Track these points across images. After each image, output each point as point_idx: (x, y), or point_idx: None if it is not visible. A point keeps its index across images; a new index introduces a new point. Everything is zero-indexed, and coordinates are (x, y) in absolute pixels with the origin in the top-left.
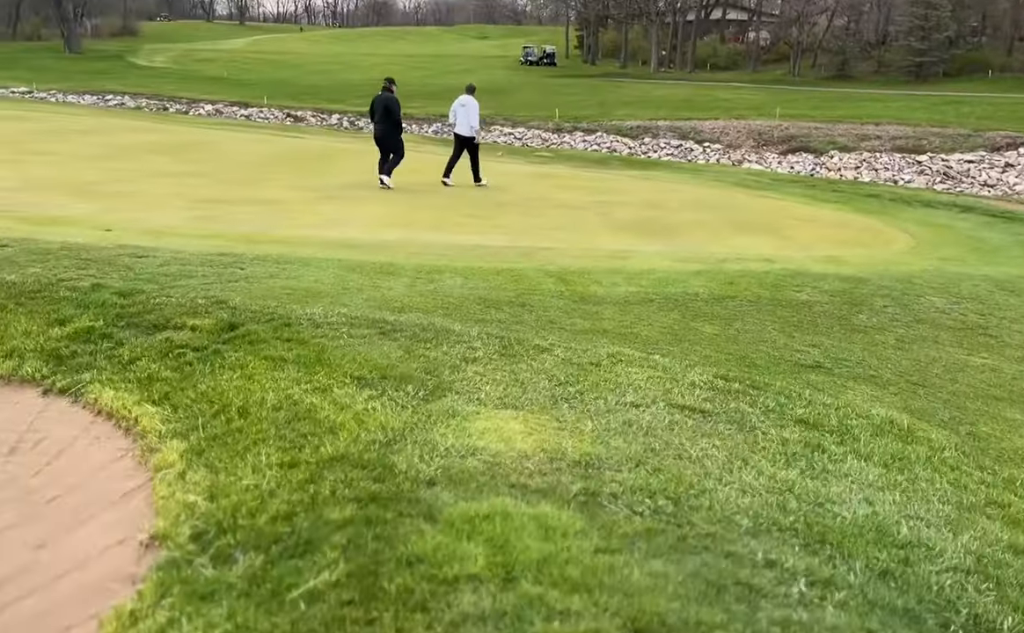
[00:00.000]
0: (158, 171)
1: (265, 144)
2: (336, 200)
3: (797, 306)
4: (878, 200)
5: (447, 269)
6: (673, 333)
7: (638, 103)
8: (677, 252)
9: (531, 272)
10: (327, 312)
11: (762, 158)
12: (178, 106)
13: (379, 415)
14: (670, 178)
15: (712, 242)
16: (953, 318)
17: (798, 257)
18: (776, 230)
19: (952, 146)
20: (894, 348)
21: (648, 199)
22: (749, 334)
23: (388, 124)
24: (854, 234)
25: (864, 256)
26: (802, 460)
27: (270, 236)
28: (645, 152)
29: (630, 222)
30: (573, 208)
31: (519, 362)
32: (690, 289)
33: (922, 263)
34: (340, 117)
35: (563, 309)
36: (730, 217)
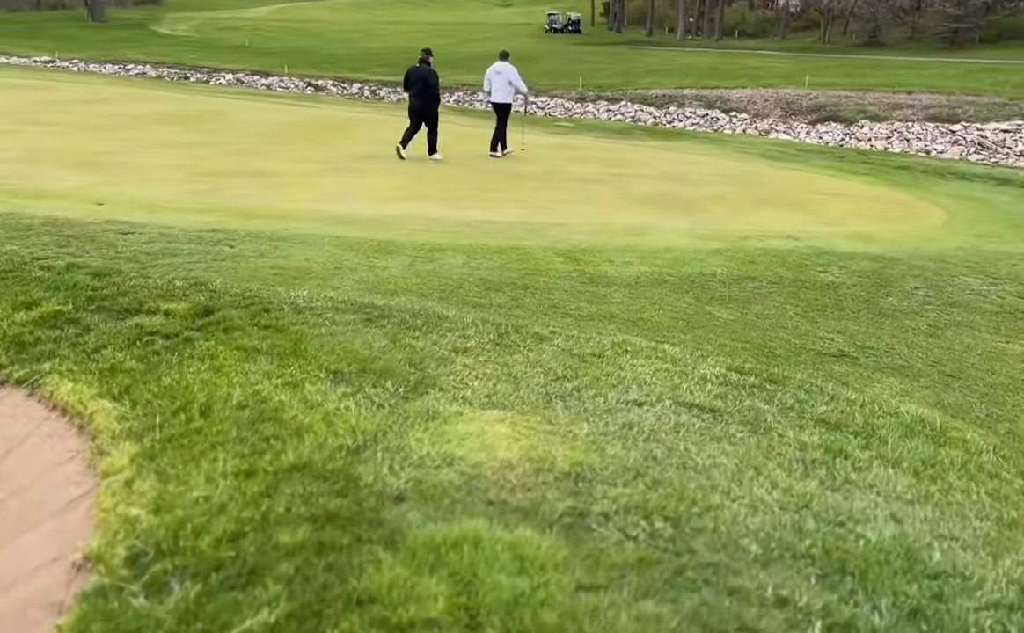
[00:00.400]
0: (164, 142)
1: (280, 114)
2: (344, 172)
3: (822, 288)
4: (909, 172)
5: (450, 247)
6: (686, 318)
7: (663, 71)
8: (696, 229)
9: (539, 251)
10: (312, 296)
11: (790, 128)
12: (199, 75)
13: (351, 416)
14: (693, 149)
15: (733, 218)
16: (990, 301)
17: (824, 234)
18: (802, 205)
19: (987, 115)
20: (926, 335)
21: (669, 171)
22: (768, 319)
23: (426, 96)
24: (884, 209)
25: (894, 233)
26: (822, 468)
27: (269, 211)
28: (670, 121)
29: (648, 196)
30: (590, 181)
31: (514, 353)
32: (707, 269)
33: (956, 240)
34: (361, 86)
35: (569, 291)
36: (753, 191)
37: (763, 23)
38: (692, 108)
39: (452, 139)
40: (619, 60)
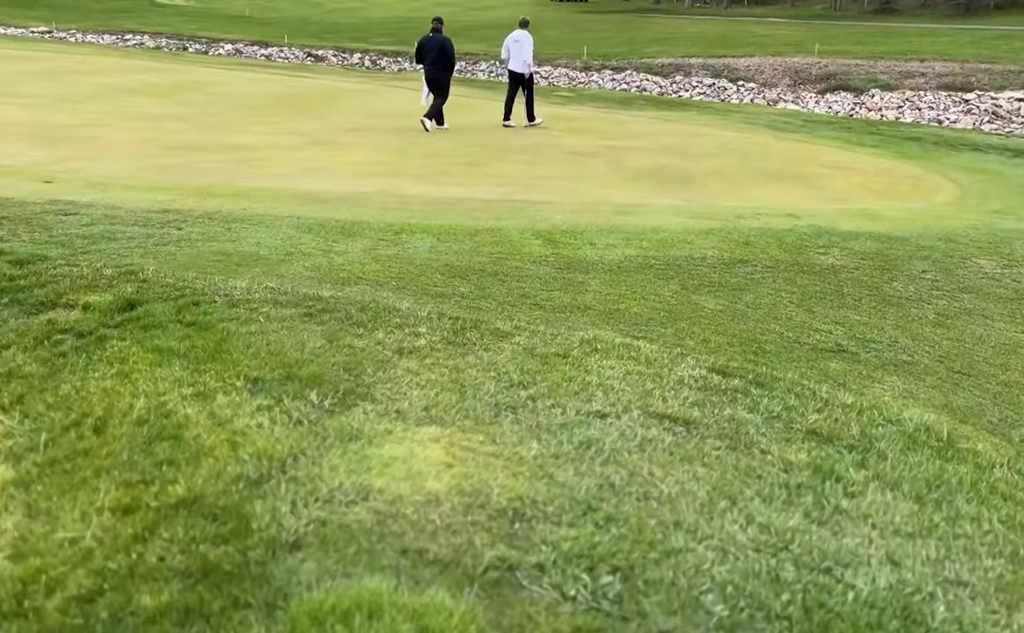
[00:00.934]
0: (141, 114)
1: (273, 84)
2: (326, 145)
3: (821, 272)
4: (920, 144)
5: (419, 228)
6: (668, 309)
7: (670, 40)
8: (690, 206)
9: (516, 232)
10: (252, 286)
11: (799, 97)
12: (198, 46)
13: (260, 436)
14: (695, 120)
15: (732, 194)
16: (1004, 286)
17: (827, 211)
18: (805, 179)
19: (1002, 83)
20: (934, 325)
21: (667, 144)
22: (760, 309)
23: (442, 65)
24: (892, 183)
25: (902, 210)
26: (808, 494)
27: (231, 188)
28: (676, 91)
29: (643, 170)
30: (583, 155)
31: (468, 354)
32: (697, 252)
33: (969, 218)
34: (362, 56)
35: (543, 279)
36: (755, 165)
37: None
38: (699, 77)
39: (448, 111)
40: (625, 28)
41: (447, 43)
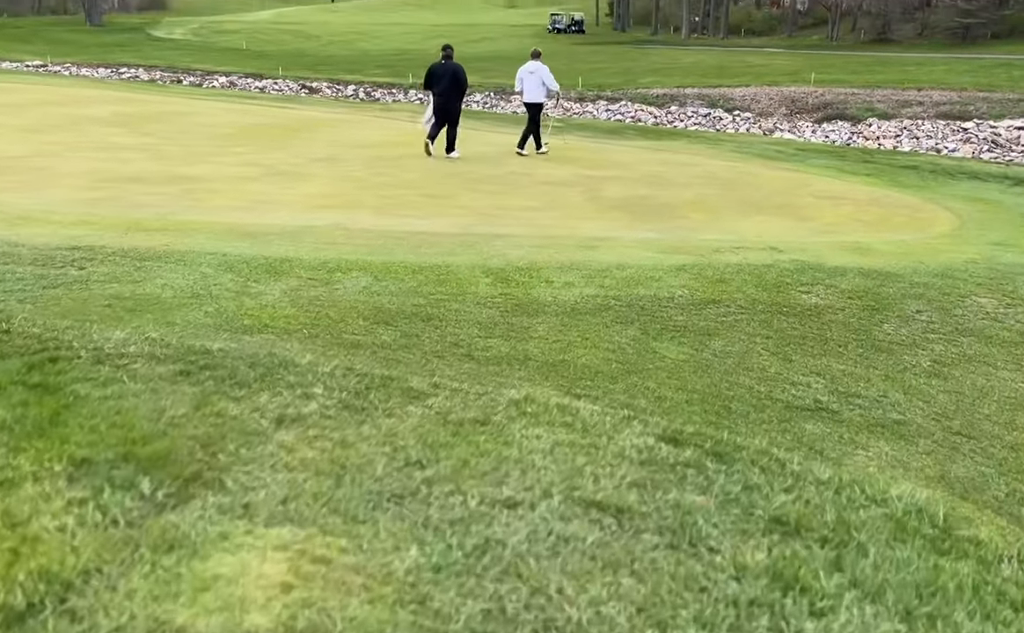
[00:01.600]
0: (101, 144)
1: (251, 115)
2: (284, 176)
3: (802, 314)
4: (917, 172)
5: (356, 266)
6: (623, 359)
7: (665, 70)
8: (663, 239)
9: (465, 269)
10: (131, 337)
11: (795, 126)
12: (192, 79)
13: (56, 545)
14: (684, 149)
15: (711, 226)
16: (1008, 327)
17: (814, 244)
18: (793, 210)
19: (1001, 112)
20: (928, 374)
21: (651, 173)
22: (729, 358)
23: (454, 93)
24: (885, 214)
25: (895, 243)
26: (764, 615)
27: (165, 221)
28: (671, 121)
29: (620, 201)
30: (559, 184)
31: (365, 422)
32: (665, 290)
33: (968, 251)
34: (356, 87)
35: (484, 323)
36: (741, 194)
37: (770, 21)
38: (694, 107)
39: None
40: (621, 59)
41: (459, 70)
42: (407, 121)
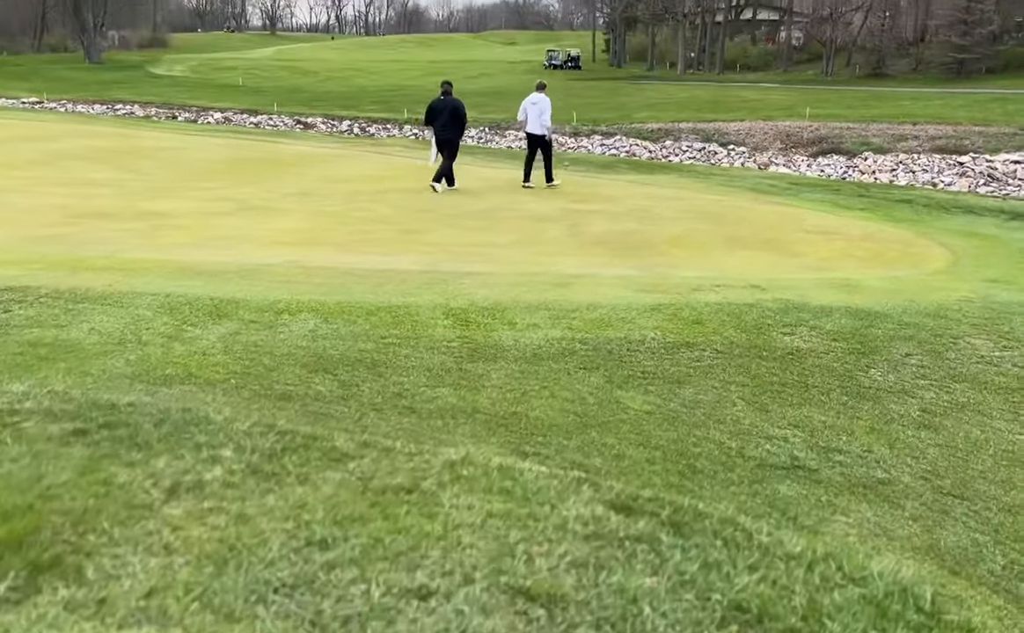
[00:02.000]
0: (70, 179)
1: (236, 150)
2: (255, 211)
3: (783, 358)
4: (911, 206)
5: (307, 307)
6: (581, 411)
7: (660, 105)
8: (641, 277)
9: (425, 310)
10: (31, 390)
11: (790, 161)
12: (187, 114)
13: None
14: (674, 183)
15: (693, 262)
16: (1004, 372)
17: (800, 282)
18: (781, 245)
19: (997, 146)
20: (918, 426)
21: (637, 208)
22: (700, 409)
23: (454, 127)
24: (878, 249)
25: (886, 280)
26: None
27: (114, 260)
28: (666, 155)
29: (602, 236)
30: (541, 219)
31: (272, 491)
32: (636, 333)
33: (962, 288)
34: (351, 123)
35: (434, 371)
36: (728, 230)
37: (766, 57)
38: (688, 142)
39: (421, 174)
40: (616, 94)
41: (459, 106)
42: (396, 156)
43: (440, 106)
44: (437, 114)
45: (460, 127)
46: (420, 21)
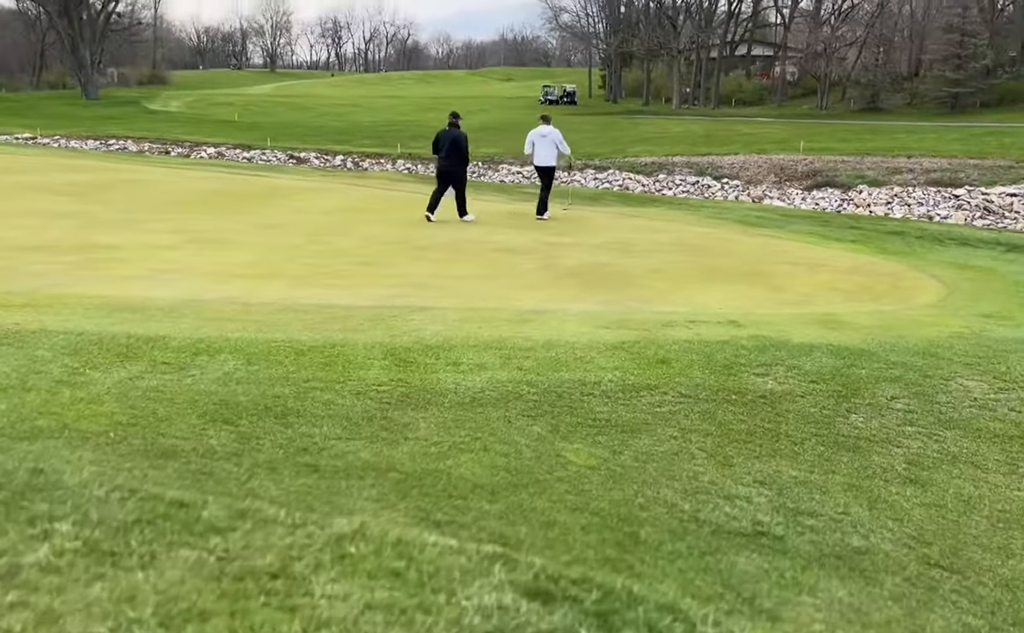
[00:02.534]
0: (26, 211)
1: (215, 183)
2: (207, 244)
3: (754, 402)
4: (903, 238)
5: (231, 347)
6: (515, 468)
7: (655, 139)
8: (610, 312)
9: (362, 349)
10: None
11: (785, 194)
12: (180, 149)
13: None
14: (661, 215)
15: (669, 296)
16: (1000, 417)
17: (781, 317)
18: (764, 277)
19: (992, 179)
20: (903, 481)
21: (619, 240)
22: (653, 463)
23: (456, 158)
24: (866, 282)
25: (874, 315)
26: None
27: (33, 297)
28: (659, 189)
29: (577, 269)
30: (515, 251)
31: (100, 579)
32: (593, 374)
33: (954, 324)
34: (344, 157)
35: (354, 420)
36: (710, 261)
37: (760, 92)
38: (682, 175)
39: (406, 205)
40: (610, 129)
41: (460, 137)
42: (379, 188)
43: (444, 137)
44: (441, 145)
45: (461, 158)
46: (419, 58)
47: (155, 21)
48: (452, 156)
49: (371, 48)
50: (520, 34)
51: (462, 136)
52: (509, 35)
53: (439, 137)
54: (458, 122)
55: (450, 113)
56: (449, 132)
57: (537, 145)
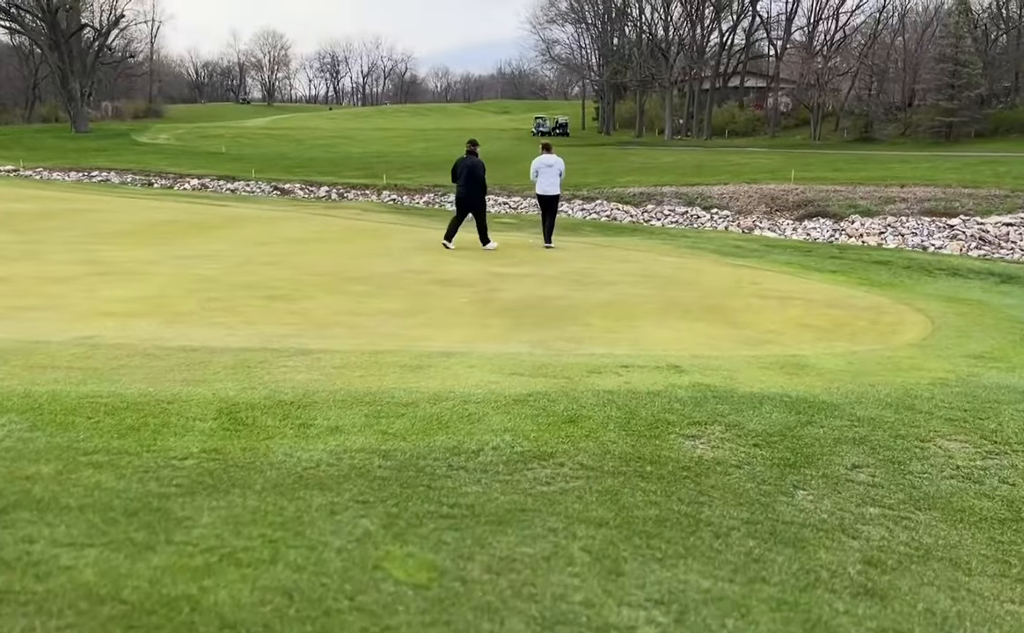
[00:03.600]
0: None
1: (171, 212)
2: (112, 276)
3: (673, 477)
4: (888, 268)
5: (18, 405)
6: (305, 591)
7: (645, 170)
8: (533, 355)
9: (194, 406)
10: None
11: (776, 224)
12: (164, 181)
13: None
14: (635, 245)
15: (611, 334)
16: (989, 492)
17: (733, 361)
18: (727, 313)
19: (988, 208)
20: (855, 592)
21: (576, 270)
22: (514, 574)
23: (473, 186)
24: (842, 318)
25: (844, 358)
26: None
27: None
28: (647, 219)
29: (513, 304)
30: (451, 284)
31: None
32: (475, 439)
33: (938, 367)
34: (329, 189)
35: (112, 514)
36: (669, 294)
37: (753, 122)
38: (671, 205)
39: (364, 235)
40: (601, 160)
41: (478, 165)
42: (346, 218)
43: (462, 165)
44: (458, 173)
45: (479, 186)
46: (417, 92)
47: (151, 55)
48: (470, 184)
49: (369, 82)
50: (518, 68)
51: (479, 164)
52: (507, 69)
53: (457, 165)
54: (476, 150)
55: (468, 141)
56: (467, 160)
57: (542, 174)
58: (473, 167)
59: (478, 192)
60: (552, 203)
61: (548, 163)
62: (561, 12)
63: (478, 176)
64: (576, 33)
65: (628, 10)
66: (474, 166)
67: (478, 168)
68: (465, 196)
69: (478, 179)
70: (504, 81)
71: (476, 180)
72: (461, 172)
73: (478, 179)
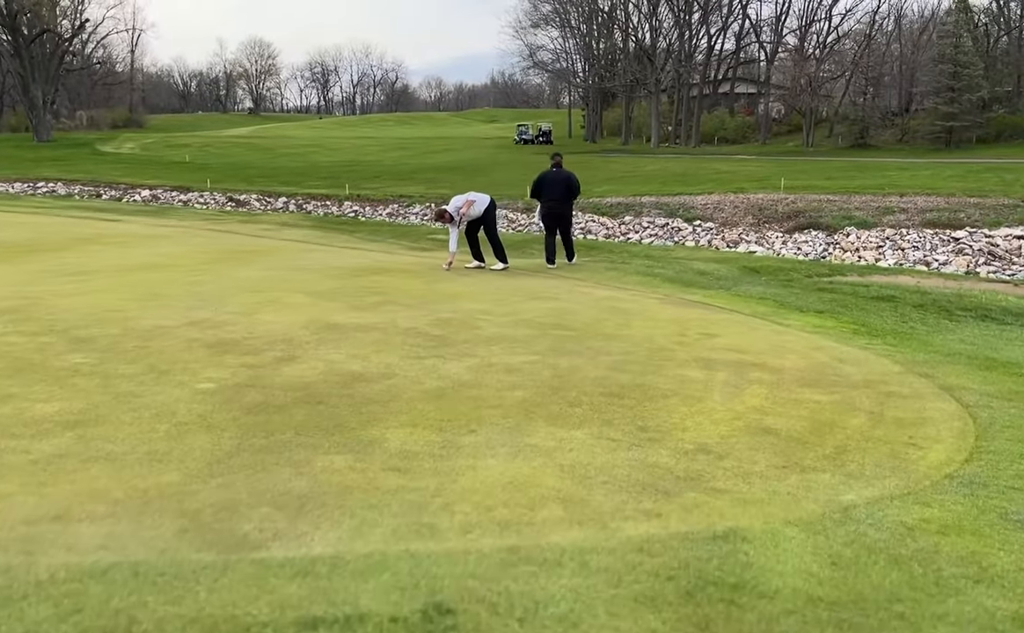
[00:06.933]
0: None
1: (88, 228)
2: None
3: None
4: (893, 306)
5: None
6: None
7: (625, 178)
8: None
9: None
10: None
11: (763, 237)
12: (114, 192)
13: None
14: (573, 272)
15: (371, 490)
16: None
17: (576, 572)
18: (640, 403)
19: (996, 219)
20: None
21: (449, 314)
22: None
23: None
24: (825, 408)
25: (823, 533)
26: None
27: None
28: (625, 232)
29: (282, 404)
30: (219, 351)
31: None
32: None
33: (1008, 563)
34: (288, 200)
35: None
36: (561, 363)
37: (744, 129)
38: (650, 217)
39: (311, 252)
40: (583, 168)
41: (572, 177)
42: (253, 234)
43: (552, 178)
44: (549, 186)
45: (572, 198)
46: (410, 101)
47: (131, 64)
48: (564, 197)
49: (359, 91)
50: (510, 77)
51: (574, 176)
52: (499, 78)
53: (544, 179)
54: (561, 162)
55: (552, 155)
56: (558, 173)
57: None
58: (569, 179)
59: (569, 204)
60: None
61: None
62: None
63: (573, 188)
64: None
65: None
66: (569, 178)
67: (573, 180)
68: (559, 211)
69: (573, 190)
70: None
71: (571, 192)
72: (555, 185)
73: (573, 190)
